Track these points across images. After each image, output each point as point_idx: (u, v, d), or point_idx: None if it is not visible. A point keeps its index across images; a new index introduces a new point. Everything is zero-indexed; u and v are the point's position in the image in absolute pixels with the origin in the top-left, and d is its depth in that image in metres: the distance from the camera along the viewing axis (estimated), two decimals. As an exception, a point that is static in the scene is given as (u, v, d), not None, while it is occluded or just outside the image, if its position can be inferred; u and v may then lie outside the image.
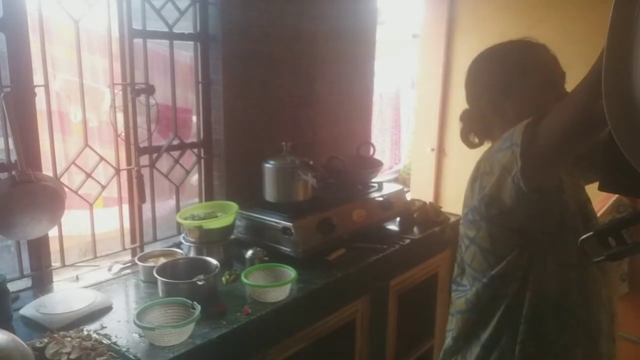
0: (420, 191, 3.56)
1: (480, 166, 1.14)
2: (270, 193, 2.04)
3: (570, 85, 1.03)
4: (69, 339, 1.34)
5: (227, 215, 1.91)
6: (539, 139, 0.96)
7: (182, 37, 2.02)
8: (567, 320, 1.11)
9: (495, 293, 1.15)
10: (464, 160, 1.88)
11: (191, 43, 2.07)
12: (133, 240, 1.99)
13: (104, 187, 1.87)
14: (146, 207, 1.99)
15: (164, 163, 2.04)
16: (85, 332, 1.40)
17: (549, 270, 1.10)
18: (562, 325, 1.12)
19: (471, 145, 1.30)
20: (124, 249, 1.96)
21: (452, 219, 2.42)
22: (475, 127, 1.27)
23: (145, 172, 1.95)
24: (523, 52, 1.18)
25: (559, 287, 1.10)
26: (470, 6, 3.26)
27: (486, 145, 1.25)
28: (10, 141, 1.54)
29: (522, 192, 1.00)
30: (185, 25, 2.02)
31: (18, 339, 1.19)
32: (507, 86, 1.16)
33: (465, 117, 1.29)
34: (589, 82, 0.83)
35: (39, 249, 1.69)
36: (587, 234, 0.91)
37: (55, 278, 1.76)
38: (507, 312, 1.14)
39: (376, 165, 2.41)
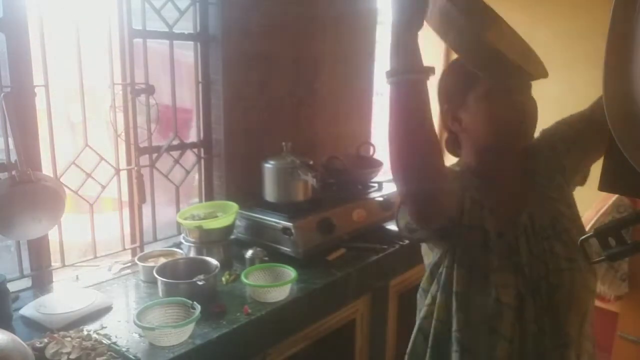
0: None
1: None
2: (270, 193, 2.04)
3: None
4: (69, 339, 1.34)
5: (227, 215, 1.91)
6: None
7: (182, 37, 2.02)
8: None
9: (427, 328, 1.17)
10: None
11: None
12: (133, 240, 1.99)
13: (104, 187, 1.87)
14: (146, 207, 1.98)
15: (164, 163, 2.04)
16: (85, 332, 1.40)
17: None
18: None
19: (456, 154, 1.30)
20: (124, 249, 1.96)
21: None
22: (448, 136, 1.26)
23: (145, 172, 1.95)
24: None
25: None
26: (470, 6, 3.25)
27: None
28: (10, 141, 1.54)
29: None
30: (185, 25, 2.02)
31: (18, 339, 1.19)
32: (462, 97, 1.15)
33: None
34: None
35: (39, 249, 1.69)
36: (587, 234, 0.91)
37: (55, 278, 1.76)
38: (435, 350, 1.13)
39: (376, 165, 2.41)
